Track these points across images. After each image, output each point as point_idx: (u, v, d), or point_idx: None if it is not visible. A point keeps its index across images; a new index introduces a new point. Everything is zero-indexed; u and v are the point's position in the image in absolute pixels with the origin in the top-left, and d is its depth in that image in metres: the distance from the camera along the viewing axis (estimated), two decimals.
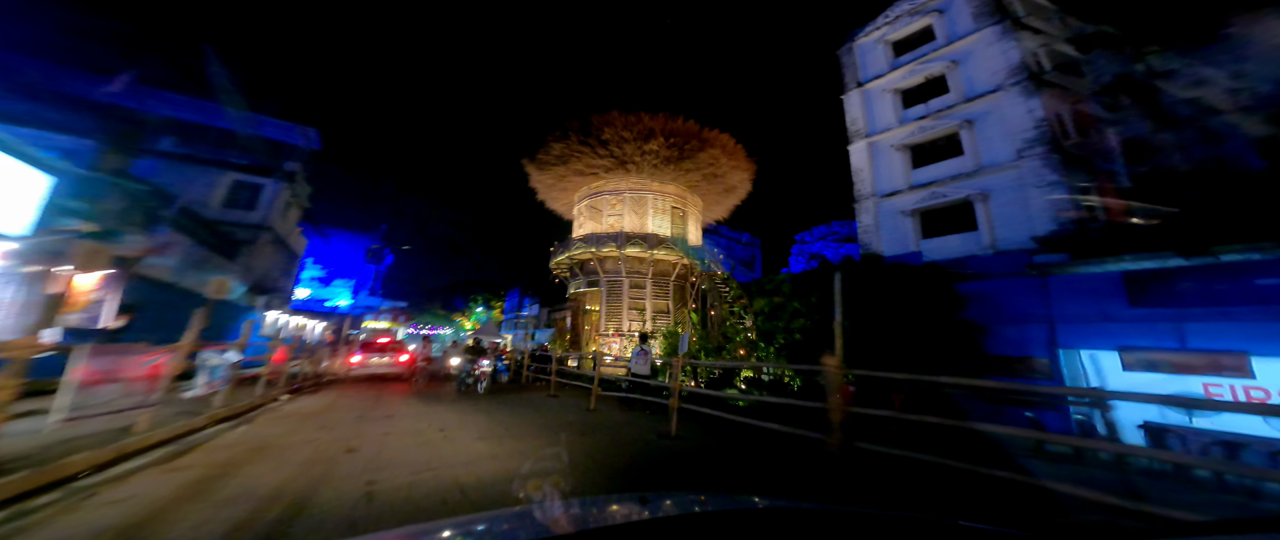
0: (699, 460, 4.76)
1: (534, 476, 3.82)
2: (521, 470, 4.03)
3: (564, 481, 3.49)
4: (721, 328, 13.90)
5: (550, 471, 4.16)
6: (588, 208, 22.08)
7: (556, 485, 3.11)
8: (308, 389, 12.19)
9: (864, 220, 15.17)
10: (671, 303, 19.63)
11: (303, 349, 13.39)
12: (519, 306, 48.90)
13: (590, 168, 20.32)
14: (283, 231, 23.35)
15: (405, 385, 13.04)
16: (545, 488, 2.46)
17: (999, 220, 10.91)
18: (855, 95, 17.08)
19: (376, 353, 15.55)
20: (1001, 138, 11.49)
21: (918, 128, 14.06)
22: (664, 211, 20.81)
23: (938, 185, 12.80)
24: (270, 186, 22.65)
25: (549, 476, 3.92)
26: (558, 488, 3.05)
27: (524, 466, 4.17)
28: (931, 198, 12.91)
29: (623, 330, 19.04)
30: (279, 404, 9.23)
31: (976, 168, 11.88)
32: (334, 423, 6.91)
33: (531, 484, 3.22)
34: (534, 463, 4.35)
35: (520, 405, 8.67)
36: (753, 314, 13.58)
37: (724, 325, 13.95)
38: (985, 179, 11.55)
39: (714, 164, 19.13)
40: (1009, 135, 11.24)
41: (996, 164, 11.37)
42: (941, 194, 12.60)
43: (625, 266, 19.56)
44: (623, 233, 19.35)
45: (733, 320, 14.11)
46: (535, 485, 3.09)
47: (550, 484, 3.07)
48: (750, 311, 13.70)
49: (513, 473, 3.93)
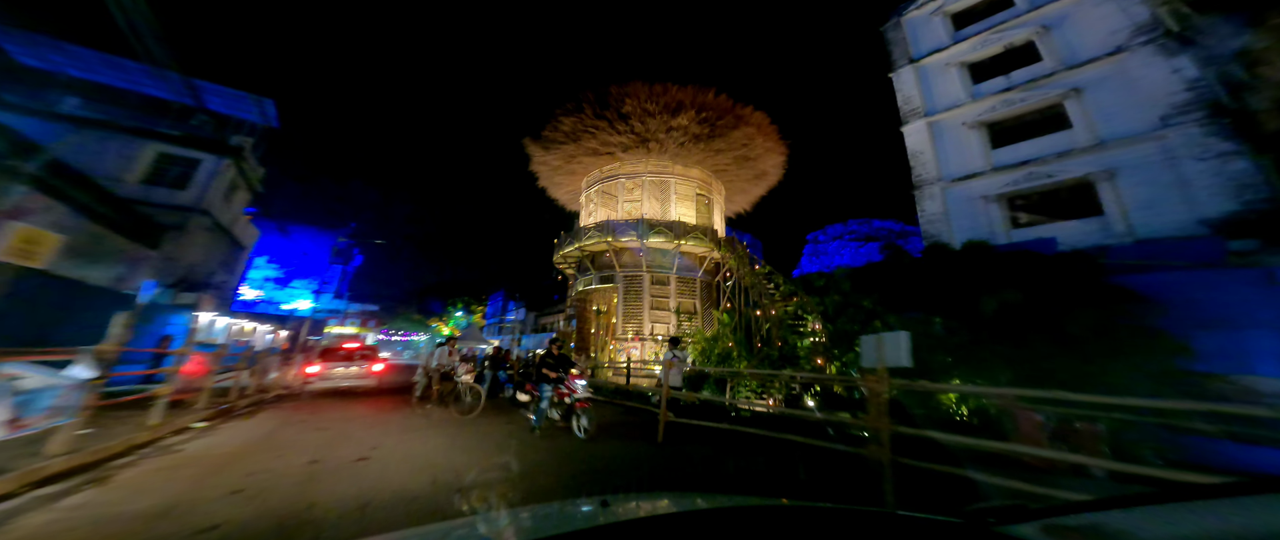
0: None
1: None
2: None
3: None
4: (779, 331, 11.48)
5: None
6: (599, 194, 19.38)
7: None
8: (242, 410, 8.92)
9: (929, 208, 13.18)
10: (699, 302, 17.13)
11: (237, 358, 10.08)
12: (502, 311, 45.30)
13: (605, 146, 17.68)
14: (224, 218, 19.48)
15: (382, 403, 9.93)
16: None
17: (1135, 202, 9.03)
18: (907, 72, 15.23)
19: (341, 361, 12.26)
20: (1129, 106, 9.69)
21: (999, 102, 12.22)
22: (688, 198, 18.36)
23: (1037, 164, 10.91)
24: (209, 163, 18.87)
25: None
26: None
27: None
28: (1027, 180, 11.01)
29: (644, 333, 16.38)
30: (181, 440, 6.09)
31: (1095, 141, 10.04)
32: (259, 484, 3.98)
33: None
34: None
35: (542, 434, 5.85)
36: (817, 315, 11.24)
37: (782, 328, 11.55)
38: (1110, 154, 9.71)
39: (748, 144, 16.87)
40: (1141, 102, 9.44)
41: (1126, 136, 9.53)
42: (1044, 174, 10.70)
43: (647, 259, 16.96)
44: (644, 219, 16.76)
45: (792, 323, 11.73)
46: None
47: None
48: (814, 312, 11.36)
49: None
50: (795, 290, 12.64)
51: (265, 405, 9.96)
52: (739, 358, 11.94)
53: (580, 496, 1.67)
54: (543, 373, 6.65)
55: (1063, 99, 10.80)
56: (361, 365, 12.47)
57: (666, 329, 16.49)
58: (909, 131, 14.41)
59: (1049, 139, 10.87)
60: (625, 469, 5.00)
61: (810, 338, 10.88)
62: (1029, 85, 11.42)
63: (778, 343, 11.16)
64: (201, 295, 16.15)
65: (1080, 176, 9.96)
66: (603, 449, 5.88)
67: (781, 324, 11.66)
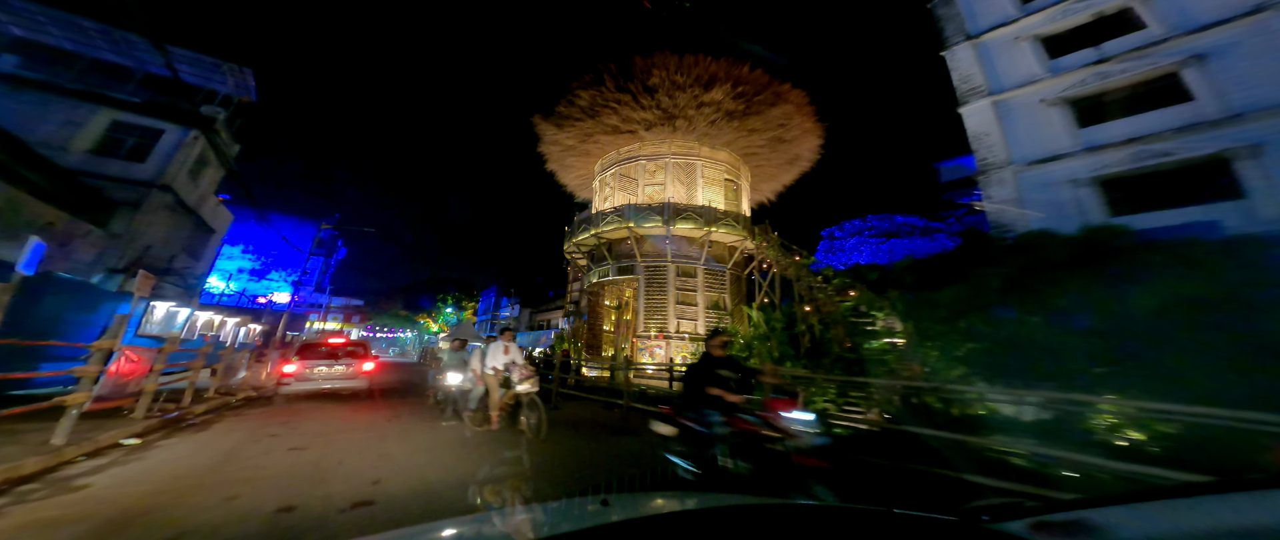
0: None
1: None
2: None
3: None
4: (842, 330, 9.90)
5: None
6: (617, 177, 17.62)
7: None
8: (197, 419, 6.96)
9: (999, 194, 11.79)
10: (729, 297, 15.50)
11: (191, 356, 8.10)
12: (495, 307, 43.06)
13: (627, 123, 15.94)
14: (190, 197, 17.21)
15: (378, 410, 8.06)
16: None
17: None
18: (964, 50, 13.85)
19: (323, 359, 10.28)
20: (1269, 74, 8.37)
21: (1089, 75, 10.86)
22: (715, 182, 16.74)
23: (1147, 142, 9.54)
24: (173, 134, 16.63)
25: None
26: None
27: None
28: (1134, 160, 9.64)
29: (669, 330, 14.67)
30: (92, 468, 4.19)
31: (1228, 114, 8.70)
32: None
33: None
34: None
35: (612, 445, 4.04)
36: (888, 312, 9.69)
37: (843, 326, 9.97)
38: (1249, 128, 8.37)
39: (785, 124, 15.32)
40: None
41: (1273, 107, 8.20)
42: (1158, 153, 9.34)
43: (672, 249, 15.27)
44: (670, 203, 15.07)
45: (855, 320, 10.17)
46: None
47: None
48: (884, 308, 9.80)
49: None
50: (850, 283, 11.11)
51: (229, 411, 7.99)
52: (790, 361, 10.37)
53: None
54: (708, 390, 3.46)
55: (1179, 68, 9.47)
56: (349, 363, 10.50)
57: (694, 326, 14.83)
58: (970, 112, 13.04)
59: (1162, 113, 9.53)
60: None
61: (882, 338, 9.32)
62: (1131, 55, 10.08)
63: (844, 343, 9.58)
64: (162, 282, 13.93)
65: (1211, 154, 8.61)
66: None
67: (841, 322, 10.08)
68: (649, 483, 4.04)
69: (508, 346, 6.46)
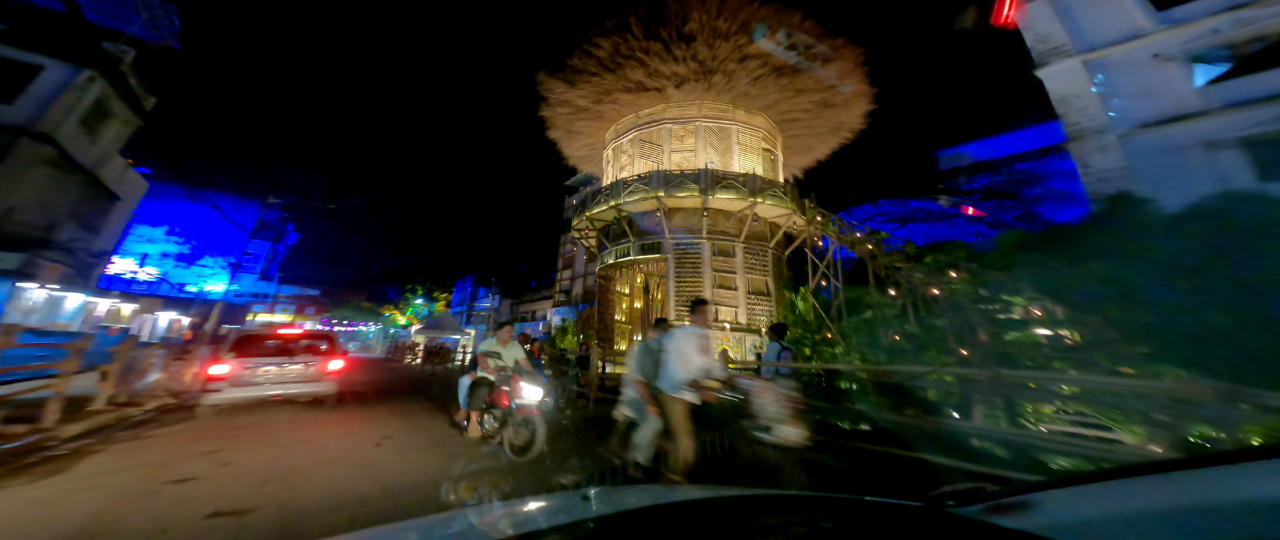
0: None
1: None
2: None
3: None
4: (974, 320, 8.04)
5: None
6: (637, 144, 15.21)
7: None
8: (58, 449, 4.10)
9: (1098, 162, 10.48)
10: (772, 281, 13.53)
11: (55, 352, 5.15)
12: (471, 299, 39.41)
13: (654, 79, 13.57)
14: (83, 154, 13.32)
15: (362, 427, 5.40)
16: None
17: None
18: (1041, 7, 12.52)
19: (272, 357, 7.40)
20: None
21: (1226, 21, 9.59)
22: (753, 151, 14.69)
23: None
24: (57, 73, 12.88)
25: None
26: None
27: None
28: None
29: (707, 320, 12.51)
30: None
31: None
32: None
33: None
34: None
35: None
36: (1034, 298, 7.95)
37: (972, 314, 8.15)
38: None
39: (834, 86, 13.47)
40: None
41: None
42: None
43: (709, 223, 13.09)
44: (708, 170, 12.86)
45: (986, 309, 8.37)
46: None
47: None
48: (1027, 295, 8.06)
49: None
50: (955, 261, 9.38)
51: (127, 432, 5.12)
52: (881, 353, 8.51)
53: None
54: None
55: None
56: (308, 362, 7.64)
57: (734, 314, 12.77)
58: (1051, 74, 11.70)
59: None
60: None
61: (1028, 328, 7.58)
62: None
63: (981, 337, 7.72)
64: (35, 258, 10.31)
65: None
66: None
67: (968, 309, 8.26)
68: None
69: (698, 338, 3.44)
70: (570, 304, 27.49)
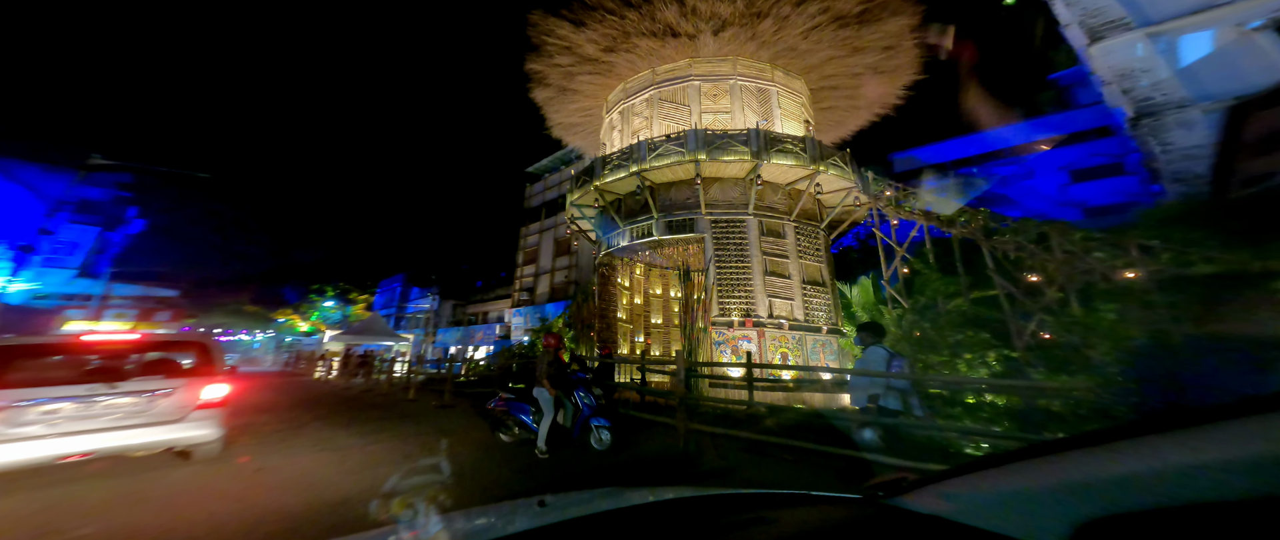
0: None
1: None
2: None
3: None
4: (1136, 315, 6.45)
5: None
6: (655, 103, 12.33)
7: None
8: None
9: (1179, 140, 10.01)
10: (826, 269, 11.45)
11: None
12: (402, 299, 32.65)
13: (688, 20, 10.87)
14: None
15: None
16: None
17: None
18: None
19: (67, 386, 3.42)
20: None
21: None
22: (794, 118, 12.58)
23: None
24: None
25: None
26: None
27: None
28: None
29: (758, 314, 10.02)
30: None
31: None
32: None
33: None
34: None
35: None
36: None
37: None
38: None
39: (895, 47, 11.90)
40: None
41: None
42: None
43: (757, 198, 10.64)
44: (761, 129, 10.42)
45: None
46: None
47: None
48: None
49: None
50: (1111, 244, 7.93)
51: None
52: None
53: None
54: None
55: None
56: (147, 391, 3.85)
57: (789, 308, 10.46)
58: (1107, 50, 11.13)
59: None
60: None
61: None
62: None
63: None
64: None
65: None
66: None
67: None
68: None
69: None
70: (534, 303, 23.52)
